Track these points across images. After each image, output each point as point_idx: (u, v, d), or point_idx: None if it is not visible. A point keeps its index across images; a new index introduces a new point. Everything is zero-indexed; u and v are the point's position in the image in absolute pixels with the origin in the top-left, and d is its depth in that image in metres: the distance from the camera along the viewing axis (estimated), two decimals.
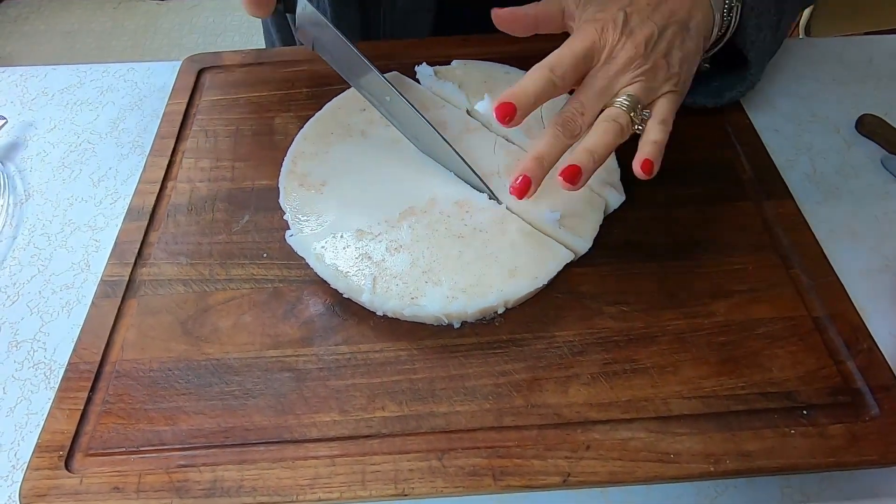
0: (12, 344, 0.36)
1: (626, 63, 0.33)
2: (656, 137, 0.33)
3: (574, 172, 0.31)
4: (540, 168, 0.32)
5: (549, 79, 0.32)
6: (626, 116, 0.33)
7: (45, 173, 0.46)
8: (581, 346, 0.33)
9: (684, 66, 0.34)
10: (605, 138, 0.32)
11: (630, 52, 0.33)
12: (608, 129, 0.32)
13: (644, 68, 0.33)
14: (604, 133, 0.32)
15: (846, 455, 0.29)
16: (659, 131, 0.33)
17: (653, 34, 0.33)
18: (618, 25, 0.33)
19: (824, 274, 0.35)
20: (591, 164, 0.32)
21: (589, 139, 0.32)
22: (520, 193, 0.32)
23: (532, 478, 0.28)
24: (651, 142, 0.32)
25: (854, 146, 0.45)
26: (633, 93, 0.33)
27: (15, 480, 0.31)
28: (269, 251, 0.37)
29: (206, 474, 0.29)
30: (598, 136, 0.32)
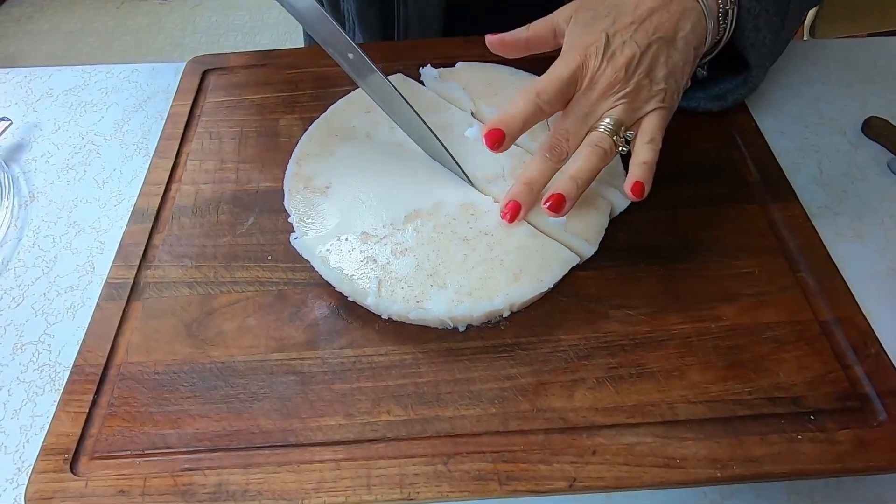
0: (17, 346, 0.36)
1: (607, 88, 0.33)
2: (645, 158, 0.33)
3: (559, 201, 0.33)
4: (529, 193, 0.34)
5: (536, 104, 0.33)
6: (608, 140, 0.34)
7: (49, 175, 0.46)
8: (587, 350, 0.32)
9: (671, 80, 0.35)
10: (588, 164, 0.33)
11: (610, 77, 0.33)
12: (591, 155, 0.33)
13: (625, 91, 0.33)
14: (586, 159, 0.33)
15: (854, 461, 0.28)
16: (647, 151, 0.33)
17: (634, 55, 0.34)
18: (599, 50, 0.34)
19: (831, 277, 0.35)
20: (575, 190, 0.33)
21: (572, 165, 0.33)
22: (511, 218, 0.34)
23: (538, 483, 0.28)
24: (640, 163, 0.33)
25: (860, 149, 0.45)
26: (616, 116, 0.34)
27: (20, 483, 0.31)
28: (273, 254, 0.37)
29: (211, 478, 0.29)
30: (582, 161, 0.33)
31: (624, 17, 0.34)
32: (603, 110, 0.34)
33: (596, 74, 0.34)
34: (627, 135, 0.34)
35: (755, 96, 0.47)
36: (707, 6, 0.36)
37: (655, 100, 0.34)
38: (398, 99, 0.37)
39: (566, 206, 0.33)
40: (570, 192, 0.33)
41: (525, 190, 0.34)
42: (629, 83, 0.33)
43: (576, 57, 0.34)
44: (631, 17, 0.34)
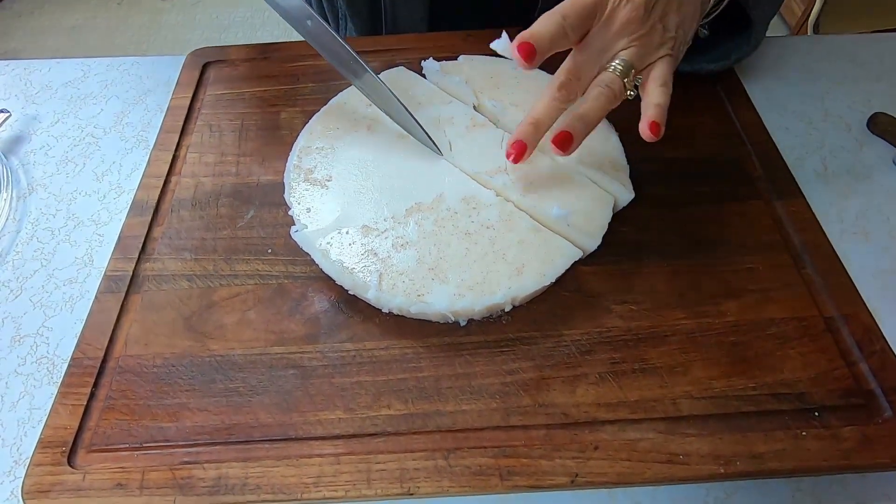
0: (15, 339, 0.36)
1: (624, 25, 0.33)
2: (659, 100, 0.33)
3: (565, 139, 0.32)
4: (536, 132, 0.33)
5: (561, 25, 0.32)
6: (619, 82, 0.33)
7: (48, 167, 0.45)
8: (589, 345, 0.32)
9: (680, 30, 0.34)
10: (597, 104, 0.33)
11: (629, 14, 0.32)
12: (601, 95, 0.33)
13: (640, 33, 0.33)
14: (596, 99, 0.33)
15: (859, 457, 0.28)
16: (661, 94, 0.33)
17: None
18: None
19: (836, 274, 0.35)
20: (583, 130, 0.33)
21: (582, 105, 0.33)
22: (515, 158, 0.34)
23: (539, 478, 0.28)
24: (655, 104, 0.33)
25: (866, 145, 0.44)
26: (628, 58, 0.33)
27: (17, 476, 0.31)
28: (273, 247, 0.37)
29: (210, 471, 0.29)
30: (591, 102, 0.33)
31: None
32: (617, 49, 0.33)
33: (616, 9, 0.33)
34: (637, 79, 0.33)
35: (760, 92, 0.47)
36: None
37: (666, 46, 0.34)
38: (386, 92, 0.37)
39: (573, 144, 0.32)
40: (578, 131, 0.32)
41: (531, 130, 0.33)
42: (644, 24, 0.33)
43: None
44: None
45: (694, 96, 0.44)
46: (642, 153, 0.40)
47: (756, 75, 0.49)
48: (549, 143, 0.33)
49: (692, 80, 0.45)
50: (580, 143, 0.33)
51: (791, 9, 1.49)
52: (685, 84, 0.45)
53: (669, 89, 0.33)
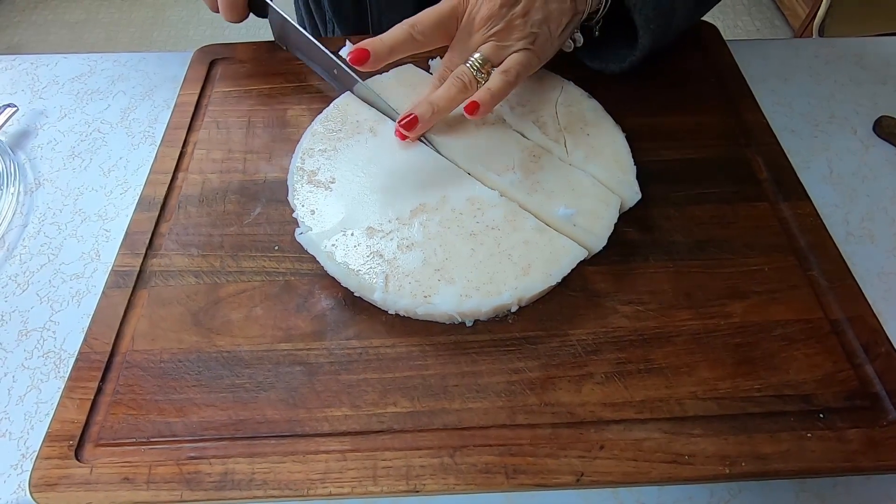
0: (22, 333, 0.36)
1: (483, 21, 0.36)
2: (491, 85, 0.36)
3: (412, 121, 0.36)
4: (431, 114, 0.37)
5: (409, 33, 0.36)
6: (469, 74, 0.37)
7: (55, 162, 0.45)
8: (595, 344, 0.32)
9: (544, 26, 0.36)
10: (446, 93, 0.37)
11: (486, 13, 0.36)
12: (450, 86, 0.37)
13: (496, 28, 0.36)
14: (446, 89, 0.37)
15: (863, 460, 0.28)
16: (497, 80, 0.36)
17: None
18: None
19: (842, 276, 0.35)
20: (430, 114, 0.36)
21: (435, 94, 0.37)
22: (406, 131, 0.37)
23: (545, 476, 0.28)
24: (486, 88, 0.36)
25: (872, 148, 0.44)
26: (484, 53, 0.36)
27: (25, 469, 0.31)
28: (280, 244, 0.37)
29: (216, 467, 0.29)
30: (442, 91, 0.37)
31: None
32: (476, 44, 0.37)
33: (474, 10, 0.36)
34: (493, 71, 0.37)
35: (766, 95, 0.47)
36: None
37: (525, 41, 0.36)
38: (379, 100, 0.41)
39: (418, 126, 0.37)
40: (426, 115, 0.36)
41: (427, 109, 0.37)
42: (502, 20, 0.36)
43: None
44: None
45: (700, 98, 0.45)
46: (649, 154, 0.40)
47: (762, 77, 0.49)
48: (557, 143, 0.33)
49: (698, 81, 0.45)
50: (425, 129, 0.37)
51: (796, 12, 1.49)
52: (691, 85, 0.45)
53: (510, 77, 0.36)
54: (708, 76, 0.46)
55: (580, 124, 0.40)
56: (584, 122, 0.40)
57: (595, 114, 0.41)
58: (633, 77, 0.44)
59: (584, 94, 0.42)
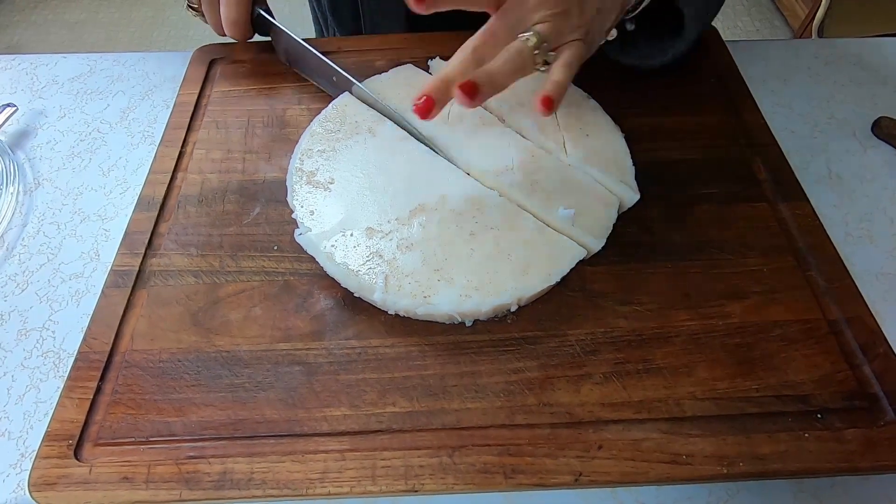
0: (21, 332, 0.36)
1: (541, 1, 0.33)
2: (559, 78, 0.33)
3: (472, 87, 0.31)
4: (446, 89, 0.32)
5: None
6: (529, 52, 0.33)
7: (54, 162, 0.45)
8: (594, 345, 0.32)
9: (598, 18, 0.35)
10: (505, 67, 0.32)
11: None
12: (510, 61, 0.33)
13: (557, 10, 0.33)
14: (505, 62, 0.33)
15: (861, 460, 0.28)
16: (563, 73, 0.33)
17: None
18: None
19: (840, 277, 0.35)
20: (489, 87, 0.32)
21: (492, 64, 0.33)
22: (422, 113, 0.32)
23: (543, 476, 0.28)
24: (554, 81, 0.33)
25: (870, 149, 0.45)
26: (542, 31, 0.33)
27: (24, 469, 0.31)
28: (279, 244, 0.37)
29: (215, 466, 0.29)
30: (501, 64, 0.32)
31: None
32: (532, 21, 0.33)
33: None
34: (549, 55, 0.34)
35: (765, 95, 0.47)
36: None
37: (580, 31, 0.34)
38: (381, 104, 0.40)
39: (479, 96, 0.32)
40: (486, 86, 0.32)
41: (441, 86, 0.32)
42: (563, 3, 0.33)
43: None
44: None
45: (700, 98, 0.45)
46: (648, 154, 0.40)
47: (761, 78, 0.49)
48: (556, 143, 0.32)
49: (698, 81, 0.45)
50: (484, 101, 0.32)
51: (795, 12, 1.50)
52: (691, 85, 0.45)
53: (573, 71, 0.34)
54: (707, 77, 0.46)
55: (579, 125, 0.40)
56: (584, 123, 0.40)
57: (594, 114, 0.41)
58: (633, 77, 0.44)
59: (583, 94, 0.42)
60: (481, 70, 0.32)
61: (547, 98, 0.32)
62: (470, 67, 0.33)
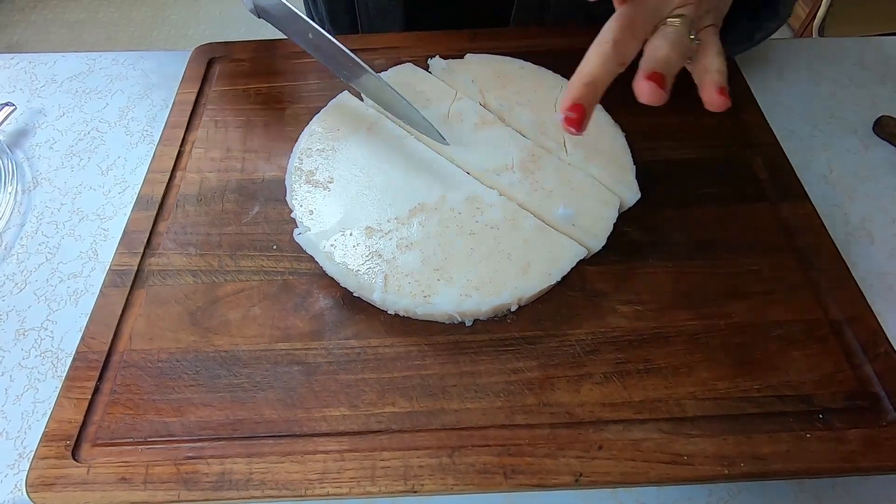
0: (19, 332, 0.36)
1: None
2: (720, 67, 0.30)
3: (661, 77, 0.28)
4: (594, 94, 0.29)
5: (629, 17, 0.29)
6: (687, 37, 0.29)
7: (53, 161, 0.45)
8: (594, 344, 0.32)
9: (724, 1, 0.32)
10: (674, 54, 0.29)
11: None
12: (676, 45, 0.29)
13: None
14: (672, 48, 0.29)
15: (863, 460, 0.28)
16: (721, 61, 0.30)
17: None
18: None
19: (841, 276, 0.35)
20: (671, 75, 0.28)
21: (661, 49, 0.29)
22: (577, 125, 0.29)
23: (543, 477, 0.28)
24: (718, 70, 0.30)
25: (871, 148, 0.44)
26: (686, 13, 0.30)
27: (21, 469, 0.31)
28: (278, 243, 0.37)
29: (214, 467, 0.29)
30: (668, 50, 0.29)
31: None
32: (674, 6, 0.30)
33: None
34: (695, 42, 0.30)
35: (766, 95, 0.47)
36: None
37: (712, 14, 0.31)
38: (389, 90, 0.37)
39: (666, 87, 0.28)
40: (667, 75, 0.28)
41: (589, 91, 0.29)
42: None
43: None
44: None
45: (699, 97, 0.44)
46: (649, 154, 0.40)
47: (762, 78, 0.49)
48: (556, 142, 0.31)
49: None
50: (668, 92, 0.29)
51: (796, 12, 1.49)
52: (690, 85, 0.45)
53: (724, 58, 0.31)
54: None
55: None
56: None
57: (595, 113, 0.41)
58: (633, 76, 0.44)
59: None
60: (657, 59, 0.29)
61: (723, 88, 0.29)
62: (613, 64, 0.29)
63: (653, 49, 0.29)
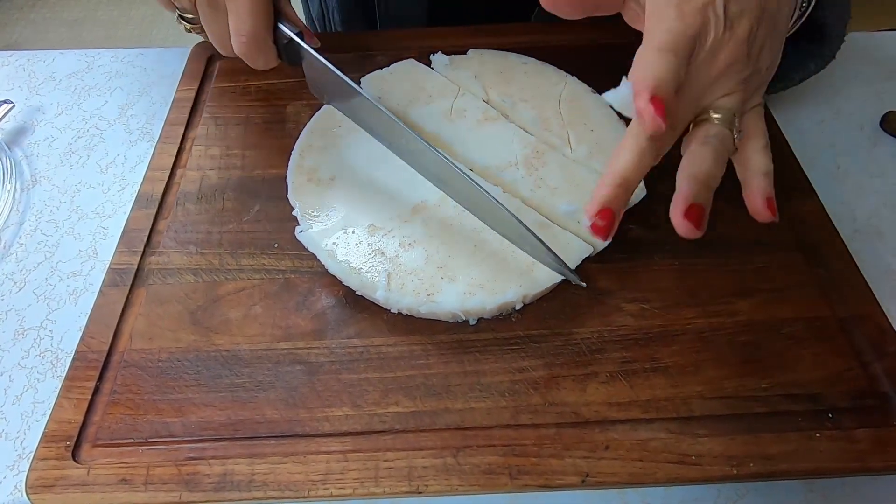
0: (18, 332, 0.36)
1: (729, 65, 0.26)
2: (767, 168, 0.27)
3: (700, 214, 0.26)
4: (625, 194, 0.26)
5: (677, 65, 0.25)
6: (730, 137, 0.27)
7: (52, 159, 0.45)
8: (599, 343, 0.32)
9: (771, 70, 0.29)
10: (717, 168, 0.26)
11: (734, 52, 0.26)
12: (717, 154, 0.26)
13: (744, 75, 0.27)
14: (716, 162, 0.26)
15: (873, 460, 0.28)
16: (767, 161, 0.27)
17: (752, 29, 0.26)
18: (719, 11, 0.26)
19: (850, 274, 0.34)
20: (710, 199, 0.26)
21: (701, 167, 0.26)
22: (605, 234, 0.27)
23: (549, 477, 0.28)
24: (764, 173, 0.27)
25: (879, 144, 0.44)
26: (732, 106, 0.27)
27: (21, 470, 0.31)
28: (280, 241, 0.36)
29: (215, 467, 0.28)
30: (710, 164, 0.26)
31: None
32: (718, 94, 0.27)
33: (719, 46, 0.26)
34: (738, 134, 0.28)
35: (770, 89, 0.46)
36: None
37: (759, 92, 0.28)
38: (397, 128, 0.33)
39: (706, 217, 0.26)
40: (707, 200, 0.26)
41: (620, 193, 0.26)
42: (749, 65, 0.27)
43: (694, 14, 0.25)
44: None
45: None
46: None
47: None
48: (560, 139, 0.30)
49: None
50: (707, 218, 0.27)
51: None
52: None
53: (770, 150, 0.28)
54: None
55: (583, 120, 0.40)
56: (588, 118, 0.40)
57: (599, 109, 0.41)
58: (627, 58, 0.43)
59: (587, 89, 0.42)
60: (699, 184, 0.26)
61: (771, 200, 0.27)
62: (649, 158, 0.26)
63: (693, 160, 0.26)
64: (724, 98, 0.27)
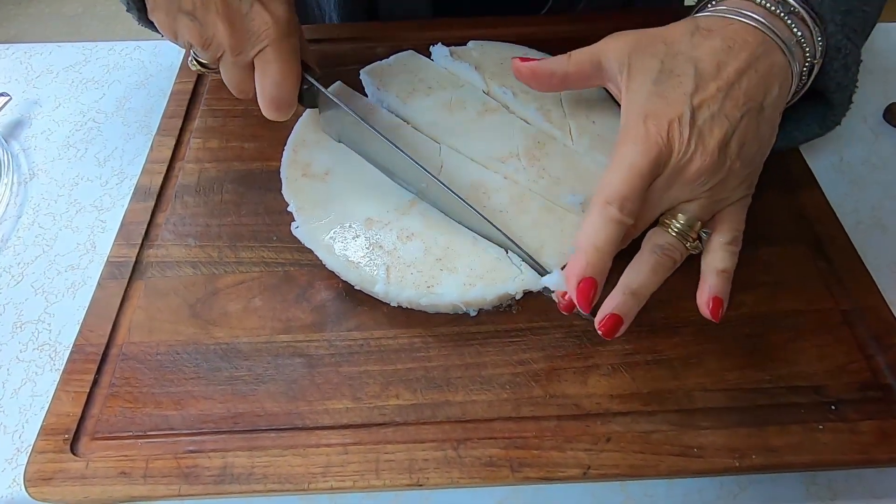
0: (16, 325, 0.36)
1: (694, 177, 0.27)
2: (725, 265, 0.28)
3: (615, 324, 0.27)
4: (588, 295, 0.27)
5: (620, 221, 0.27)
6: (681, 247, 0.28)
7: (49, 152, 0.45)
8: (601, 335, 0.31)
9: (758, 158, 0.29)
10: (654, 277, 0.27)
11: (699, 164, 0.27)
12: (658, 267, 0.27)
13: (713, 182, 0.27)
14: (653, 272, 0.27)
15: (876, 452, 0.28)
16: (727, 257, 0.28)
17: (726, 135, 0.27)
18: (684, 127, 0.27)
19: (853, 266, 0.34)
20: (636, 308, 0.27)
21: (635, 277, 0.27)
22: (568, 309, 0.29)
23: (551, 469, 0.27)
24: (717, 271, 0.28)
25: (882, 136, 0.44)
26: (693, 213, 0.28)
27: (20, 463, 0.31)
28: (279, 234, 0.36)
29: (215, 460, 0.28)
30: (647, 275, 0.27)
31: (708, 82, 0.27)
32: (681, 200, 0.28)
33: (682, 161, 0.27)
34: (703, 233, 0.28)
35: None
36: (793, 55, 0.29)
37: (742, 187, 0.29)
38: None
39: (623, 328, 0.27)
40: (630, 309, 0.27)
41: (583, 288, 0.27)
42: (719, 171, 0.27)
43: (655, 138, 0.27)
44: (716, 81, 0.27)
45: None
46: None
47: None
48: (562, 130, 0.30)
49: None
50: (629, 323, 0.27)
51: None
52: None
53: (738, 247, 0.29)
54: None
55: (585, 111, 0.39)
56: (590, 109, 0.39)
57: (600, 100, 0.40)
58: None
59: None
60: (625, 294, 0.27)
61: (716, 300, 0.27)
62: (606, 260, 0.27)
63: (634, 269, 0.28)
64: (686, 203, 0.28)
